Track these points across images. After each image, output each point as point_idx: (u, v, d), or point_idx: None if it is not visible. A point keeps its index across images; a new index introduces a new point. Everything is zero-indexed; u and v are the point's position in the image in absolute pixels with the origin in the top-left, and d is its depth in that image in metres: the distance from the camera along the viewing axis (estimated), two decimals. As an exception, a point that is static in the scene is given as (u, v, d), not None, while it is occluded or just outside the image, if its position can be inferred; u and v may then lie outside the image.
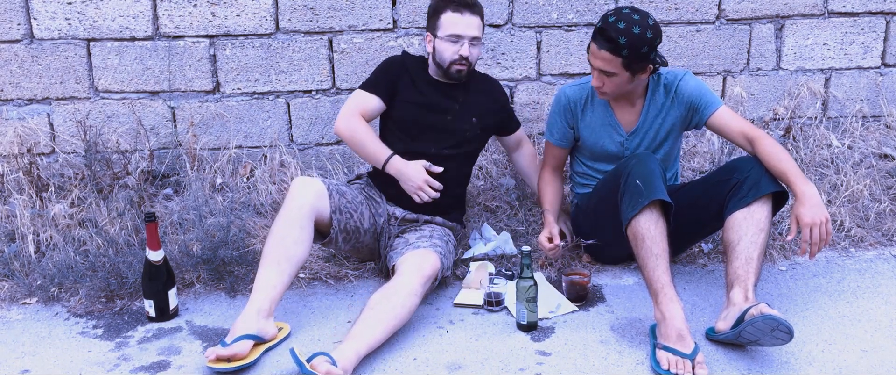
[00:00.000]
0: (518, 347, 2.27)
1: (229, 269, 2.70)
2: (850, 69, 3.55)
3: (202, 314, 2.53)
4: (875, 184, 3.18)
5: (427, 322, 2.42)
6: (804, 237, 2.29)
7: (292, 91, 3.34)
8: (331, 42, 3.30)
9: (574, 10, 3.35)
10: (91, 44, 3.22)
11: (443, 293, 2.62)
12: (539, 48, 3.39)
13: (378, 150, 2.61)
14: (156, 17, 3.21)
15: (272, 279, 2.30)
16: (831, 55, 3.52)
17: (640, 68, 2.44)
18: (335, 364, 2.03)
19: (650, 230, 2.24)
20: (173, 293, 2.49)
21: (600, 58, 2.42)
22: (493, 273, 2.66)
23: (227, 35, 3.25)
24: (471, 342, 2.31)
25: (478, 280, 2.61)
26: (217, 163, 3.27)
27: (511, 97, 3.41)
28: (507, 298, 2.52)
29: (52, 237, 2.84)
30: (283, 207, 2.42)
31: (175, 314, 2.50)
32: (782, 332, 2.04)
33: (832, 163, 3.31)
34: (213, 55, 3.27)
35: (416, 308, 2.35)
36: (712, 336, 2.27)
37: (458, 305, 2.54)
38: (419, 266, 2.40)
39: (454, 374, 2.15)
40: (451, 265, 2.69)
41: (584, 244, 2.75)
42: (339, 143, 3.40)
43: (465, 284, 2.63)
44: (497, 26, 3.33)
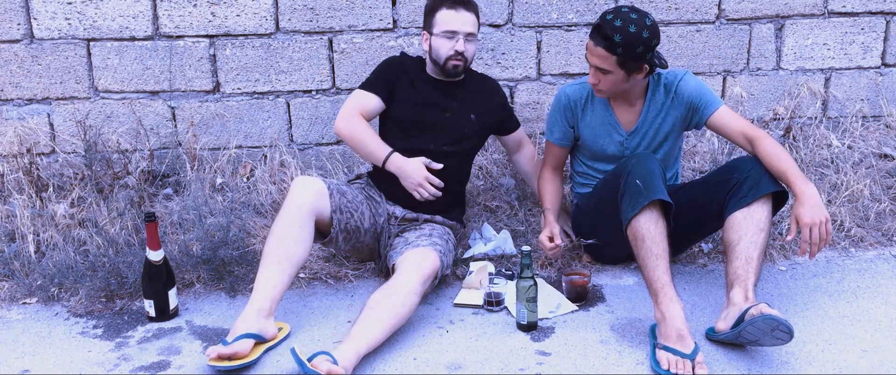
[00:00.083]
0: (518, 347, 2.27)
1: (229, 269, 2.70)
2: (850, 69, 3.55)
3: (202, 314, 2.53)
4: (875, 184, 3.17)
5: (427, 322, 2.42)
6: (804, 237, 2.29)
7: (292, 91, 3.34)
8: (331, 42, 3.30)
9: (574, 10, 3.35)
10: (91, 44, 3.22)
11: (443, 293, 2.62)
12: (539, 48, 3.39)
13: (378, 147, 2.62)
14: (156, 17, 3.21)
15: (272, 279, 2.30)
16: (831, 55, 3.52)
17: (635, 68, 2.45)
18: (336, 363, 2.03)
19: (650, 230, 2.25)
20: (173, 293, 2.49)
21: (596, 55, 2.43)
22: (493, 273, 2.66)
23: (227, 35, 3.25)
24: (471, 342, 2.31)
25: (478, 281, 2.61)
26: (217, 163, 3.27)
27: (511, 97, 3.41)
28: (507, 298, 2.52)
29: (52, 237, 2.84)
30: (284, 206, 2.42)
31: (175, 314, 2.51)
32: (782, 332, 2.04)
33: (832, 163, 3.31)
34: (213, 55, 3.27)
35: (417, 307, 2.35)
36: (712, 335, 2.27)
37: (458, 305, 2.54)
38: (419, 265, 2.40)
39: (454, 374, 2.15)
40: (451, 264, 2.69)
41: (584, 243, 2.76)
42: (339, 143, 3.40)
43: (465, 284, 2.63)
44: (497, 26, 3.33)
